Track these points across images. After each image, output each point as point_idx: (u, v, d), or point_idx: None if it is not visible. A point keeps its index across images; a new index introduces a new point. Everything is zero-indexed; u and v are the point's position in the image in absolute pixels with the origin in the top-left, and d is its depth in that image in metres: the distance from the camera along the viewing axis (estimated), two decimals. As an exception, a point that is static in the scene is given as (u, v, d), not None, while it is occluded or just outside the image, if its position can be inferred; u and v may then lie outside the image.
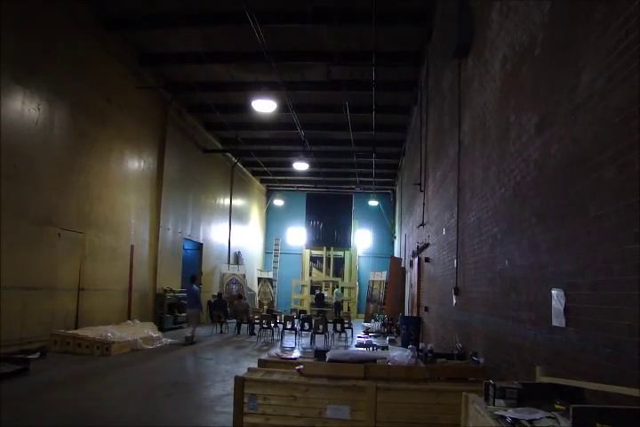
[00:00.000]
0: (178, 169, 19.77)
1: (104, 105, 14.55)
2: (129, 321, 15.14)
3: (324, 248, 32.34)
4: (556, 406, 3.03)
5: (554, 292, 4.22)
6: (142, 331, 14.12)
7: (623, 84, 3.26)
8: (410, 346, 6.53)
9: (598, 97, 3.60)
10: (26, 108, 11.44)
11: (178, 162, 19.71)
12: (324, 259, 32.28)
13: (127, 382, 9.27)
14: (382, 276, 28.06)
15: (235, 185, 27.04)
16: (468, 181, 8.18)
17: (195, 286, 15.88)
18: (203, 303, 21.35)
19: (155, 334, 14.42)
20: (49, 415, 6.66)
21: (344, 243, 32.39)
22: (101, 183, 14.56)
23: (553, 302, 4.22)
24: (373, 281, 28.70)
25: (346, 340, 16.65)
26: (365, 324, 20.77)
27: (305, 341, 15.63)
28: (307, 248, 32.66)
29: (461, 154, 8.70)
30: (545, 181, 4.63)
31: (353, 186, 32.25)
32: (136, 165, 16.84)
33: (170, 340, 14.63)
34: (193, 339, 14.84)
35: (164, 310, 17.75)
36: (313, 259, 32.57)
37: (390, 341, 13.98)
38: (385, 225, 33.04)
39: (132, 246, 16.34)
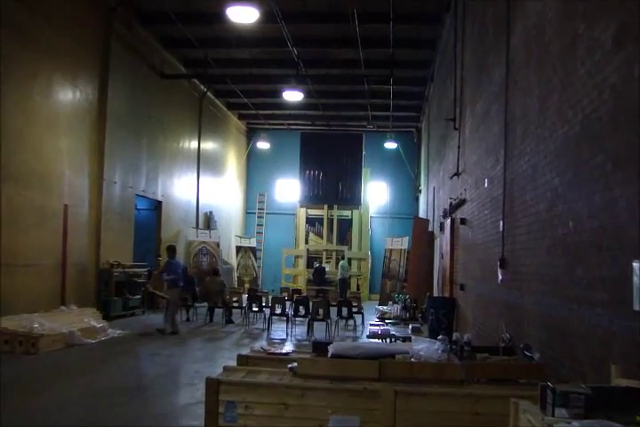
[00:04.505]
0: (127, 101, 19.61)
1: (24, 15, 14.26)
2: (63, 307, 15.18)
3: (325, 207, 32.37)
4: (638, 419, 3.02)
5: (635, 265, 4.20)
6: (81, 320, 14.25)
7: None
8: (440, 337, 6.55)
9: None
10: None
11: (126, 92, 19.53)
12: (325, 221, 32.34)
13: (60, 388, 9.21)
14: (403, 243, 28.16)
15: (204, 122, 26.88)
16: (520, 115, 8.13)
17: (174, 260, 16.53)
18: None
19: (98, 323, 14.54)
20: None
21: (351, 200, 32.41)
22: (22, 121, 14.41)
23: (634, 279, 4.20)
24: (391, 250, 28.88)
25: (355, 329, 16.81)
26: (381, 307, 20.91)
27: (300, 330, 15.77)
28: (301, 207, 32.72)
29: (510, 78, 8.65)
30: (625, 114, 4.56)
31: (363, 123, 32.14)
32: (69, 96, 16.66)
33: (119, 331, 14.72)
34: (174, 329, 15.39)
35: (111, 292, 17.76)
36: (310, 221, 32.61)
37: (414, 329, 14.08)
38: (407, 175, 33.00)
39: (66, 206, 16.30)
